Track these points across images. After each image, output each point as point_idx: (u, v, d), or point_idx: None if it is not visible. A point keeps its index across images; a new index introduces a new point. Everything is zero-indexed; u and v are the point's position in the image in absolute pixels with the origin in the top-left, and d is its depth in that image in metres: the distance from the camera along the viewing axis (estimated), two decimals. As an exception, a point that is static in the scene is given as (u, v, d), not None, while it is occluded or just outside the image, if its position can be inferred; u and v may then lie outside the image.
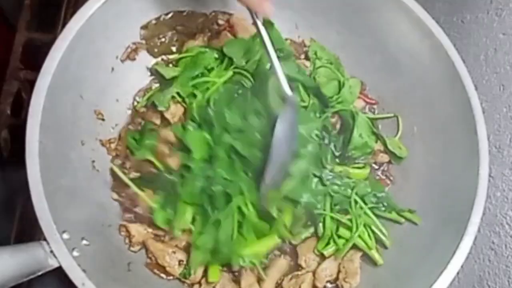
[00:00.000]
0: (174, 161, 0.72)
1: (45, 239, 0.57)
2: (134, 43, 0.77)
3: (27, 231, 0.72)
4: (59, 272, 0.56)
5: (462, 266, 0.63)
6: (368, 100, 0.83)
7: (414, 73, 0.77)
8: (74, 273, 0.56)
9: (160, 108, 0.74)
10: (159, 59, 0.80)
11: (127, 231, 0.70)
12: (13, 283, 0.52)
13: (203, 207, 0.69)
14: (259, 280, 0.70)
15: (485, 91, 0.75)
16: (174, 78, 0.75)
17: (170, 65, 0.79)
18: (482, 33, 0.77)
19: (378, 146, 0.79)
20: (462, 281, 0.74)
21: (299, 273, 0.72)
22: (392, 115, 0.81)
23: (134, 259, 0.69)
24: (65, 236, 0.58)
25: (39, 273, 0.56)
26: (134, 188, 0.70)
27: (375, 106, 0.84)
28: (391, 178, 0.80)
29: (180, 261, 0.69)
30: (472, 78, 0.70)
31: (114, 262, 0.66)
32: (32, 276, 0.55)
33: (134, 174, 0.73)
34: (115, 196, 0.72)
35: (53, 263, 0.56)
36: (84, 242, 0.62)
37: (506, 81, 0.73)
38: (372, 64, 0.82)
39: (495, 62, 0.75)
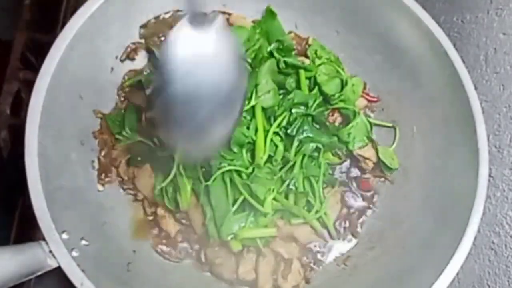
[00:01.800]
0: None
1: (44, 239, 0.57)
2: (133, 43, 0.77)
3: (27, 231, 0.72)
4: (58, 272, 0.56)
5: (462, 266, 0.62)
6: (369, 98, 0.83)
7: (413, 73, 0.77)
8: (73, 273, 0.56)
9: (147, 91, 0.73)
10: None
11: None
12: (12, 283, 0.52)
13: (199, 180, 0.69)
14: (256, 269, 0.71)
15: (485, 91, 0.75)
16: None
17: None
18: (482, 33, 0.77)
19: (363, 151, 0.78)
20: (462, 281, 0.73)
21: (283, 267, 0.72)
22: (390, 124, 0.81)
23: (133, 259, 0.69)
24: (64, 236, 0.58)
25: (39, 273, 0.56)
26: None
27: (376, 105, 0.84)
28: (390, 178, 0.80)
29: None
30: (472, 78, 0.70)
31: (113, 262, 0.66)
32: (31, 276, 0.55)
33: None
34: (101, 187, 0.72)
35: (52, 263, 0.56)
36: (84, 242, 0.62)
37: (506, 81, 0.73)
38: (372, 64, 0.82)
39: (495, 62, 0.74)
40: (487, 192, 0.66)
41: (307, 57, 0.83)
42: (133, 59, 0.77)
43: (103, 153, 0.73)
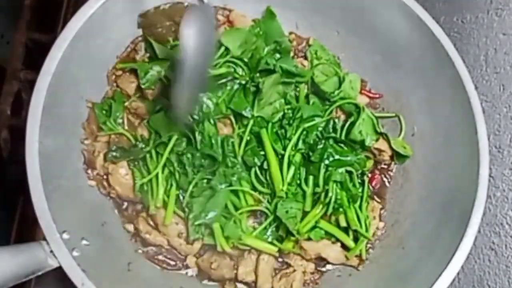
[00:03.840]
0: (144, 131, 0.73)
1: (45, 239, 0.57)
2: (133, 43, 0.77)
3: (27, 231, 0.72)
4: (59, 272, 0.56)
5: (462, 266, 0.63)
6: (372, 95, 0.83)
7: (414, 73, 0.77)
8: (74, 273, 0.56)
9: (142, 85, 0.72)
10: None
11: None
12: (13, 283, 0.52)
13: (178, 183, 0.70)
14: (256, 269, 0.71)
15: (485, 91, 0.75)
16: (164, 60, 0.73)
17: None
18: (482, 33, 0.77)
19: (378, 144, 0.79)
20: (462, 281, 0.74)
21: (288, 271, 0.72)
22: (394, 114, 0.81)
23: (134, 259, 0.69)
24: (65, 236, 0.58)
25: (39, 273, 0.56)
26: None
27: (379, 102, 0.83)
28: (391, 178, 0.80)
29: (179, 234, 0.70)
30: (472, 78, 0.70)
31: (114, 262, 0.66)
32: (32, 276, 0.55)
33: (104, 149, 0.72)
34: (93, 182, 0.71)
35: (53, 263, 0.57)
36: (84, 242, 0.62)
37: (506, 81, 0.73)
38: (372, 64, 0.82)
39: (495, 62, 0.75)
40: (487, 192, 0.66)
41: (305, 58, 0.83)
42: (133, 58, 0.77)
43: (86, 142, 0.71)
